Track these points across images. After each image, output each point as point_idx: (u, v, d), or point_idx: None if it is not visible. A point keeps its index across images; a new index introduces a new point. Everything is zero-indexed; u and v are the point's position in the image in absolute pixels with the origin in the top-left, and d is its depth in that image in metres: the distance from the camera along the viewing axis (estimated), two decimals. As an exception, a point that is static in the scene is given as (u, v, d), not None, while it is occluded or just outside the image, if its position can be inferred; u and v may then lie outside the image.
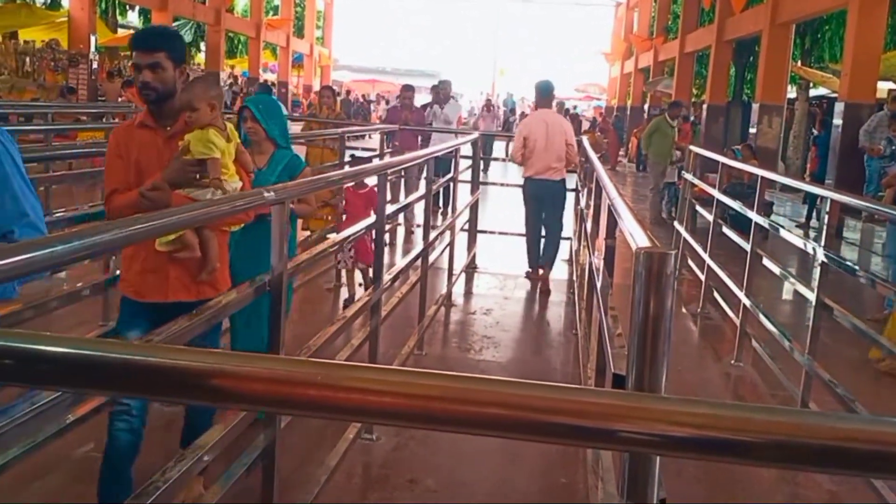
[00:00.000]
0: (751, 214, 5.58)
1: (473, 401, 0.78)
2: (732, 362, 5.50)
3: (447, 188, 8.67)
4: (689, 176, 7.85)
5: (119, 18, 27.04)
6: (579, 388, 0.84)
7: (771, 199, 12.29)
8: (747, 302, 5.38)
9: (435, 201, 9.19)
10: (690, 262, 7.31)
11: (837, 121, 12.25)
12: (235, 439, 2.34)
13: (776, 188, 14.43)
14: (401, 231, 9.33)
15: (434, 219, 7.90)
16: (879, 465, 0.76)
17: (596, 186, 4.20)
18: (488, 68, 52.70)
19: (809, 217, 12.72)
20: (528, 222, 7.75)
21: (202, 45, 28.57)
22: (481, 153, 9.23)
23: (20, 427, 1.58)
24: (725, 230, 6.37)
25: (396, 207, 5.26)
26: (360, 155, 8.62)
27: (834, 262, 4.22)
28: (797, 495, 3.73)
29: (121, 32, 25.82)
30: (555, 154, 7.46)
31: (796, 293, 6.81)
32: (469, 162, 8.75)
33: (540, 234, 7.70)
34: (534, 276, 7.66)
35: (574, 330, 5.75)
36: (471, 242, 8.00)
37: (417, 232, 9.10)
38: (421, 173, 9.13)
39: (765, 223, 5.64)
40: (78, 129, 11.70)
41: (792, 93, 18.96)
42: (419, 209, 9.35)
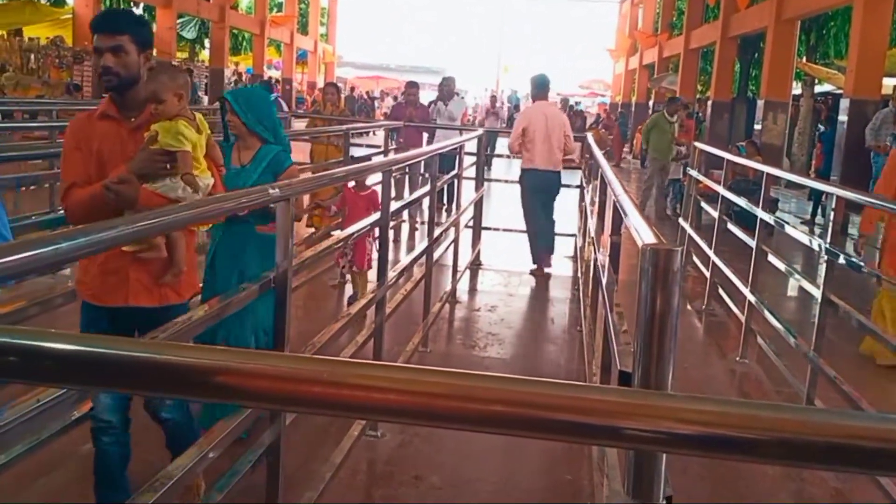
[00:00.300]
0: (756, 211, 5.57)
1: (481, 398, 0.77)
2: (737, 359, 5.49)
3: (451, 185, 8.67)
4: (694, 172, 7.84)
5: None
6: (586, 386, 0.84)
7: (776, 196, 12.25)
8: (752, 298, 5.36)
9: (439, 198, 9.18)
10: (695, 259, 7.30)
11: (843, 117, 12.23)
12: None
13: (781, 185, 14.39)
14: (405, 228, 9.32)
15: (438, 216, 7.90)
16: (886, 463, 0.76)
17: (601, 183, 4.18)
18: (493, 65, 52.71)
19: (814, 214, 12.69)
20: (531, 215, 7.82)
21: (206, 42, 28.57)
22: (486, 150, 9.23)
23: (24, 424, 1.57)
24: (731, 227, 6.36)
25: (401, 204, 5.25)
26: (359, 154, 8.62)
27: (840, 259, 4.21)
28: (802, 492, 3.73)
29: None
30: (555, 145, 7.64)
31: (801, 290, 6.79)
32: (473, 159, 8.74)
33: (540, 227, 7.80)
34: (538, 273, 7.71)
35: (578, 327, 5.74)
36: (475, 239, 8.00)
37: (422, 229, 9.10)
38: (425, 170, 9.13)
39: (770, 220, 5.63)
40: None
41: (797, 89, 18.92)
42: (423, 206, 9.37)
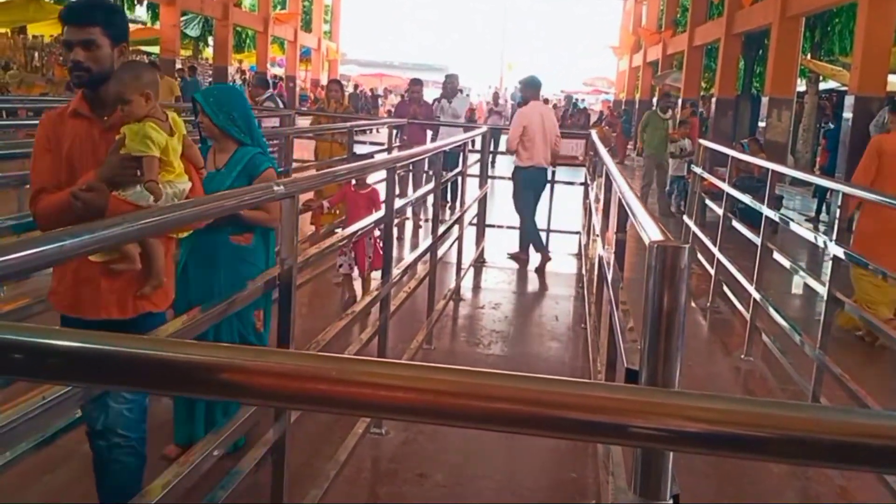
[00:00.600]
0: (762, 208, 5.55)
1: (492, 396, 0.77)
2: (742, 356, 5.48)
3: (455, 182, 8.66)
4: (699, 170, 7.82)
5: (127, 13, 27.00)
6: (595, 384, 0.83)
7: (780, 193, 12.23)
8: (758, 296, 5.35)
9: (443, 195, 9.18)
10: (700, 256, 7.28)
11: (847, 114, 12.18)
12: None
13: (786, 182, 14.36)
14: (409, 225, 9.32)
15: (442, 213, 7.90)
16: (894, 462, 0.76)
17: (606, 180, 4.17)
18: (496, 62, 52.70)
19: (819, 211, 12.67)
20: (528, 209, 8.05)
21: (210, 40, 28.58)
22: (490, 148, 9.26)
23: (29, 422, 1.57)
24: (735, 224, 6.34)
25: (405, 202, 5.24)
26: (363, 152, 8.61)
27: (846, 256, 4.19)
28: (808, 490, 3.72)
29: (129, 27, 25.87)
30: (549, 143, 8.04)
31: (806, 287, 6.78)
32: (477, 156, 8.74)
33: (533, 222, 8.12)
34: (522, 257, 8.05)
35: (583, 324, 5.74)
36: (479, 236, 7.99)
37: (425, 226, 9.10)
38: (429, 167, 9.12)
39: (775, 217, 5.61)
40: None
41: (801, 86, 18.85)
42: (427, 203, 9.36)
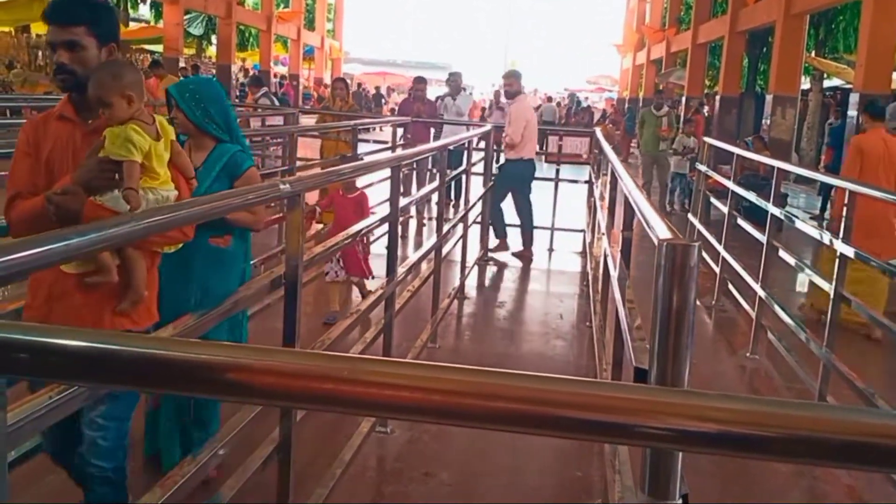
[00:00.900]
0: (767, 206, 5.54)
1: (506, 396, 0.75)
2: (748, 355, 5.46)
3: (459, 180, 8.65)
4: (703, 168, 7.80)
5: (131, 12, 27.09)
6: (606, 383, 0.82)
7: (785, 191, 12.20)
8: (763, 294, 5.34)
9: (447, 193, 9.17)
10: (705, 255, 7.26)
11: (852, 112, 12.15)
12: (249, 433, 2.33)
13: (790, 179, 14.33)
14: (412, 224, 9.31)
15: (446, 211, 7.88)
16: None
17: (611, 178, 4.15)
18: (499, 60, 52.69)
19: (824, 209, 12.63)
20: (525, 202, 8.21)
21: (213, 38, 28.60)
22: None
23: (35, 422, 1.56)
24: (740, 222, 6.32)
25: (409, 200, 5.23)
26: (367, 150, 8.59)
27: (855, 255, 4.18)
28: (815, 489, 3.70)
29: (132, 26, 25.93)
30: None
31: (812, 285, 6.75)
32: (481, 154, 8.72)
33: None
34: (527, 255, 8.16)
35: (588, 322, 5.72)
36: (483, 235, 7.98)
37: (429, 224, 9.09)
38: (433, 165, 9.11)
39: (781, 214, 5.60)
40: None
41: (806, 84, 18.81)
42: (431, 202, 9.36)
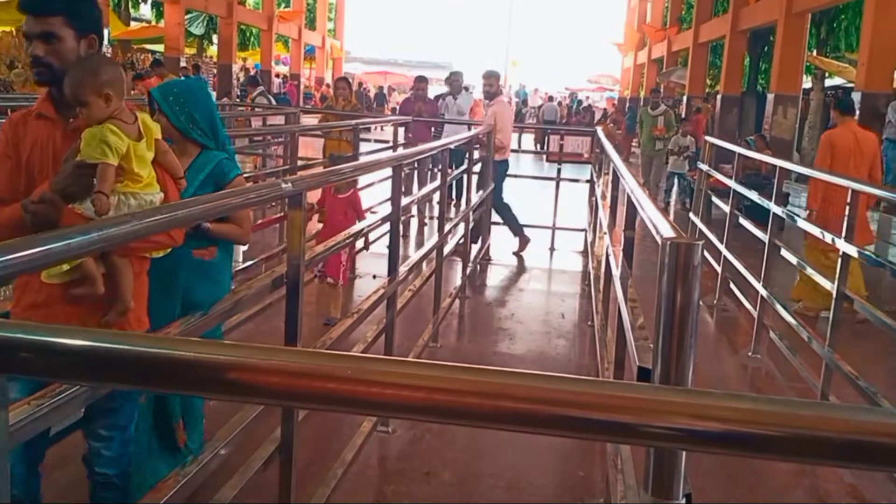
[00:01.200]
0: (770, 205, 5.53)
1: (515, 396, 0.75)
2: (749, 354, 5.46)
3: (460, 180, 8.64)
4: (705, 167, 7.79)
5: (132, 11, 27.11)
6: (610, 383, 0.82)
7: (787, 190, 12.18)
8: (764, 293, 5.33)
9: (448, 193, 9.16)
10: (706, 254, 7.25)
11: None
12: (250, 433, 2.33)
13: (792, 179, 14.30)
14: (414, 223, 9.30)
15: (448, 211, 7.88)
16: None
17: (613, 177, 4.15)
18: (501, 59, 52.60)
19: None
20: (498, 200, 8.32)
21: (214, 38, 28.60)
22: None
23: (35, 422, 1.56)
24: (742, 221, 6.32)
25: (410, 199, 5.23)
26: (368, 150, 8.58)
27: (858, 255, 4.17)
28: (817, 488, 3.70)
29: (134, 25, 25.90)
30: None
31: (800, 283, 6.74)
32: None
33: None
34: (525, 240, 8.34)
35: (589, 321, 5.72)
36: (485, 234, 7.98)
37: (430, 224, 9.09)
38: (434, 165, 9.10)
39: (783, 213, 5.59)
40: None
41: (807, 83, 18.79)
42: (433, 201, 9.35)
